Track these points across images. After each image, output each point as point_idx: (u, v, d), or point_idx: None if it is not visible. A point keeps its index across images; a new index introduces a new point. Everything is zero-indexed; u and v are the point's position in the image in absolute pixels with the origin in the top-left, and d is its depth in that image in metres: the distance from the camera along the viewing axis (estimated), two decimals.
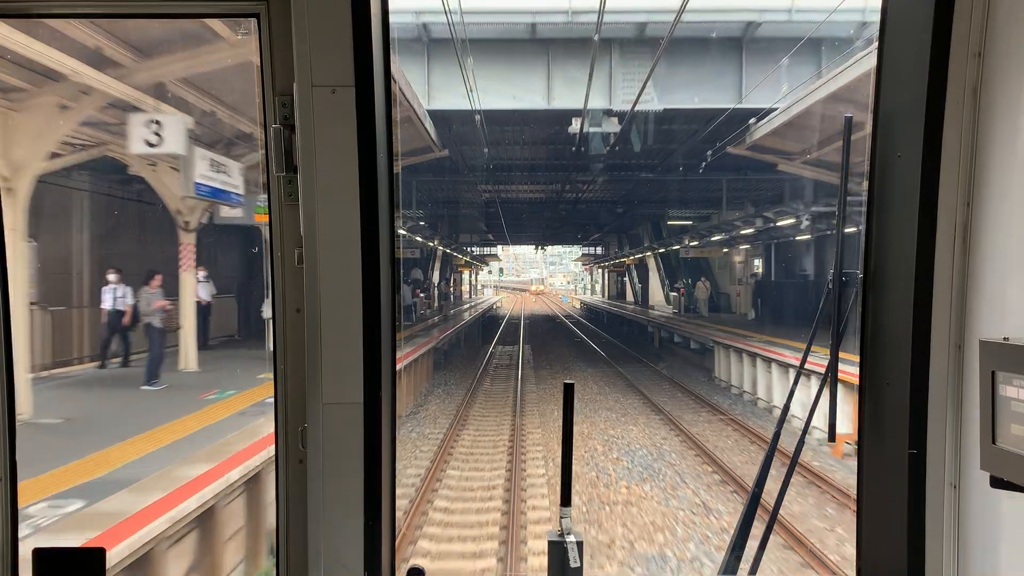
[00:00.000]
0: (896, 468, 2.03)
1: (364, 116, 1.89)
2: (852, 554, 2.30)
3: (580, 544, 2.02)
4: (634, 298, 55.62)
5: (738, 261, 37.39)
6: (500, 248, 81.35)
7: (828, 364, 2.20)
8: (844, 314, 2.21)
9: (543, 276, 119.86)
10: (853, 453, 12.00)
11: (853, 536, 2.20)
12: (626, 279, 60.81)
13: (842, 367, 2.20)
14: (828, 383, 2.23)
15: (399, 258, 2.13)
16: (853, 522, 2.50)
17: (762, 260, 35.16)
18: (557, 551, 2.02)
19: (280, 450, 2.03)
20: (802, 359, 2.45)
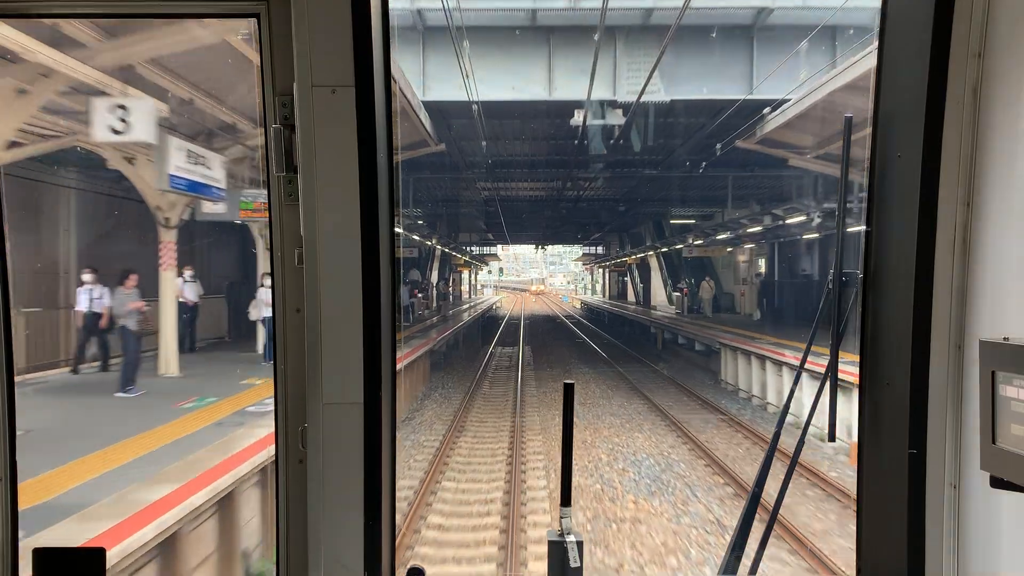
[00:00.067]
0: (896, 468, 2.03)
1: (364, 116, 1.88)
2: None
3: (580, 544, 1.98)
4: (635, 298, 55.04)
5: (742, 260, 36.67)
6: (500, 248, 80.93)
7: (828, 364, 2.20)
8: (844, 314, 2.21)
9: (543, 276, 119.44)
10: None
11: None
12: (627, 279, 60.27)
13: (842, 367, 2.20)
14: (828, 383, 2.24)
15: (399, 257, 2.11)
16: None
17: (769, 259, 34.27)
18: (557, 551, 1.99)
19: (280, 450, 2.03)
20: (802, 359, 2.45)
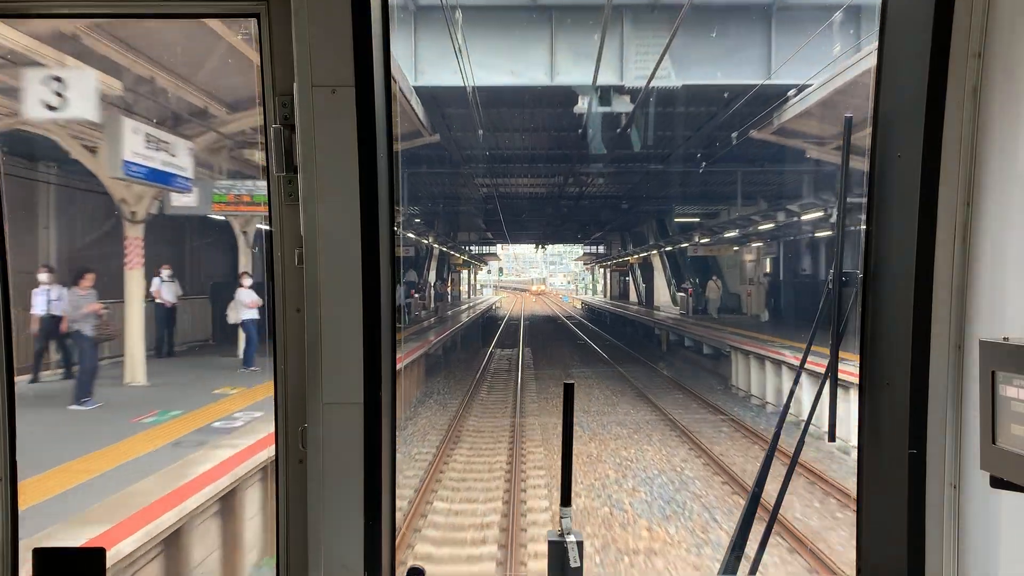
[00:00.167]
0: (896, 468, 2.02)
1: (364, 116, 1.89)
2: None
3: (580, 544, 1.96)
4: (638, 298, 53.92)
5: (749, 260, 35.48)
6: (499, 247, 79.79)
7: (828, 364, 2.19)
8: (844, 314, 2.20)
9: (543, 276, 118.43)
10: None
11: None
12: (629, 279, 59.15)
13: (842, 367, 2.19)
14: (828, 383, 2.23)
15: (399, 256, 2.08)
16: None
17: (783, 258, 33.03)
18: (557, 551, 1.95)
19: (280, 450, 2.03)
20: (802, 359, 2.45)
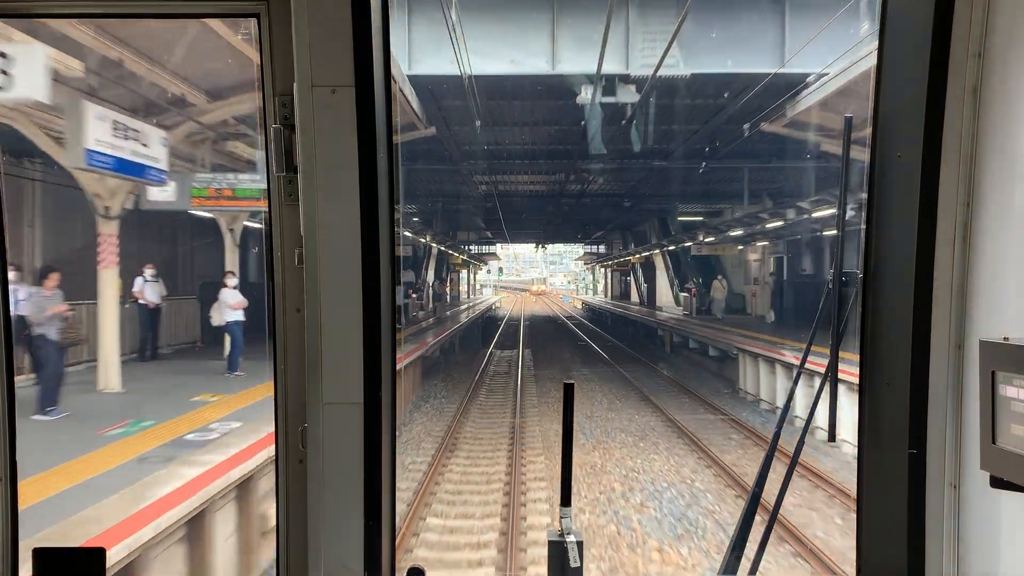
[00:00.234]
0: (896, 468, 2.01)
1: (364, 116, 1.89)
2: None
3: (580, 544, 1.94)
4: (639, 299, 53.13)
5: (755, 259, 34.64)
6: (499, 246, 78.97)
7: (828, 364, 2.19)
8: (844, 314, 2.19)
9: (544, 276, 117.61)
10: None
11: None
12: (630, 278, 58.34)
13: (842, 367, 2.19)
14: (828, 383, 2.23)
15: (398, 256, 2.08)
16: None
17: (791, 257, 32.20)
18: (557, 551, 1.94)
19: (280, 450, 2.02)
20: (802, 359, 2.43)
